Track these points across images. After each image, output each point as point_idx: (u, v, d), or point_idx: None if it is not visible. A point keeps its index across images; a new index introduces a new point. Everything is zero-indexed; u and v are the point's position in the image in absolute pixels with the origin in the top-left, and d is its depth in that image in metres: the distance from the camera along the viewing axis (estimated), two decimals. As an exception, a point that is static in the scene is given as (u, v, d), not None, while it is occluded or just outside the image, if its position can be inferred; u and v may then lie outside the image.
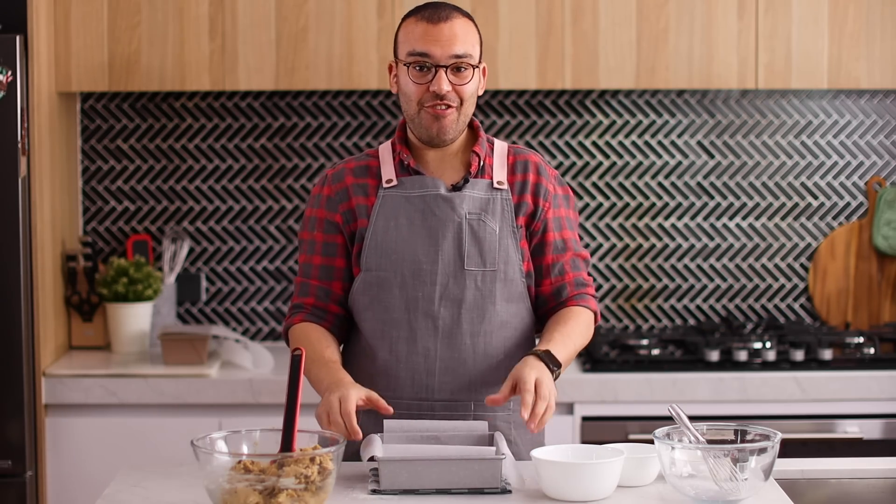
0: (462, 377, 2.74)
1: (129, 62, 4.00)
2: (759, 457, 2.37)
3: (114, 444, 3.80)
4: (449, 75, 2.69)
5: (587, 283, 2.84)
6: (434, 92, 2.69)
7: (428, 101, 2.70)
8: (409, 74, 2.71)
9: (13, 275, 3.67)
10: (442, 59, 2.68)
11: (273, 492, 2.25)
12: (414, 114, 2.73)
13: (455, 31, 2.70)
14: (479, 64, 2.74)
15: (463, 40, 2.70)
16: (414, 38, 2.71)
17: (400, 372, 2.74)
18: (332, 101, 4.33)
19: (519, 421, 2.78)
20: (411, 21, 2.73)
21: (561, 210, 2.83)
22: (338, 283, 2.81)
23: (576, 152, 4.35)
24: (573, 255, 2.82)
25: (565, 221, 2.83)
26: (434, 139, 2.74)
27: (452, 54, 2.69)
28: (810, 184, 4.36)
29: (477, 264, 2.74)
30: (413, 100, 2.72)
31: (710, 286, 4.38)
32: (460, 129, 2.75)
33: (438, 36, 2.69)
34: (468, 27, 2.73)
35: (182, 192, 4.34)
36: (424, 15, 2.72)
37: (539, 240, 2.80)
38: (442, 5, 2.74)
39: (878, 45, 4.02)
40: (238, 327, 4.37)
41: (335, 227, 2.80)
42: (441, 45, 2.68)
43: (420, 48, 2.69)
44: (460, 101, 2.71)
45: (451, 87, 2.70)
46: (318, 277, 2.81)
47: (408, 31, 2.73)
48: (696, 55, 4.01)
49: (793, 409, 3.86)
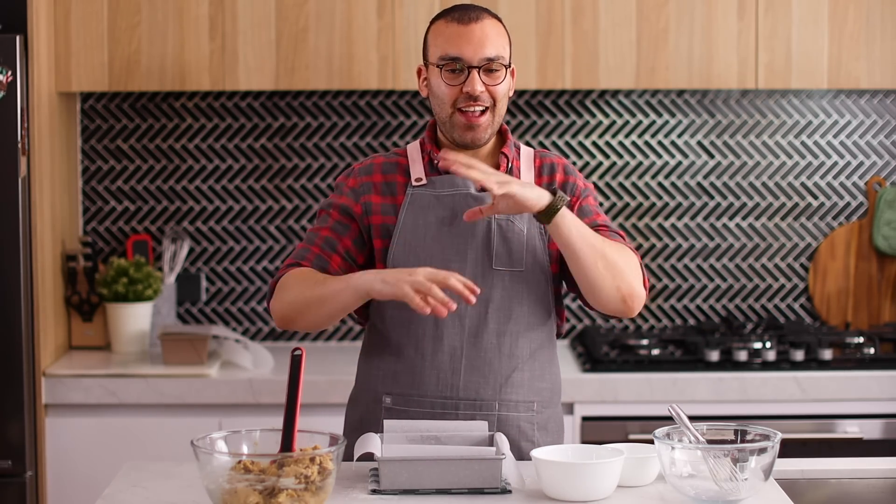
0: (487, 376, 2.74)
1: (129, 62, 4.00)
2: (759, 457, 2.37)
3: (114, 444, 3.80)
4: (481, 76, 2.70)
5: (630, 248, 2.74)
6: (468, 93, 2.70)
7: (461, 102, 2.71)
8: (441, 77, 2.72)
9: (13, 275, 3.67)
10: (474, 61, 2.69)
11: (273, 492, 2.25)
12: (447, 117, 2.74)
13: (486, 31, 2.71)
14: (509, 65, 2.75)
15: (494, 41, 2.71)
16: (444, 40, 2.71)
17: (425, 370, 2.74)
18: (332, 101, 4.33)
19: (542, 422, 2.79)
20: (441, 23, 2.74)
21: (589, 199, 2.82)
22: (337, 258, 2.77)
23: (576, 152, 4.35)
24: (608, 230, 2.77)
25: (596, 208, 2.82)
26: (468, 143, 2.75)
27: (484, 56, 2.70)
28: (810, 184, 4.36)
29: (505, 264, 2.74)
30: (446, 102, 2.72)
31: (710, 286, 4.38)
32: (493, 132, 2.76)
33: (470, 37, 2.69)
34: (498, 28, 2.74)
35: (182, 192, 4.34)
36: (454, 16, 2.72)
37: None
38: (471, 7, 2.75)
39: (878, 45, 4.02)
40: (238, 327, 4.37)
41: (352, 215, 2.79)
42: (473, 46, 2.69)
43: (452, 51, 2.70)
44: (493, 102, 2.72)
45: (484, 88, 2.70)
46: (319, 247, 2.77)
47: (438, 33, 2.73)
48: (696, 55, 4.01)
49: (793, 409, 3.86)
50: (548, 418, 2.81)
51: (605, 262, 2.64)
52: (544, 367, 2.79)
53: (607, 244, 2.66)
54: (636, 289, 2.68)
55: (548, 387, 2.81)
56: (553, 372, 2.83)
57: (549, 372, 2.81)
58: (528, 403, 2.77)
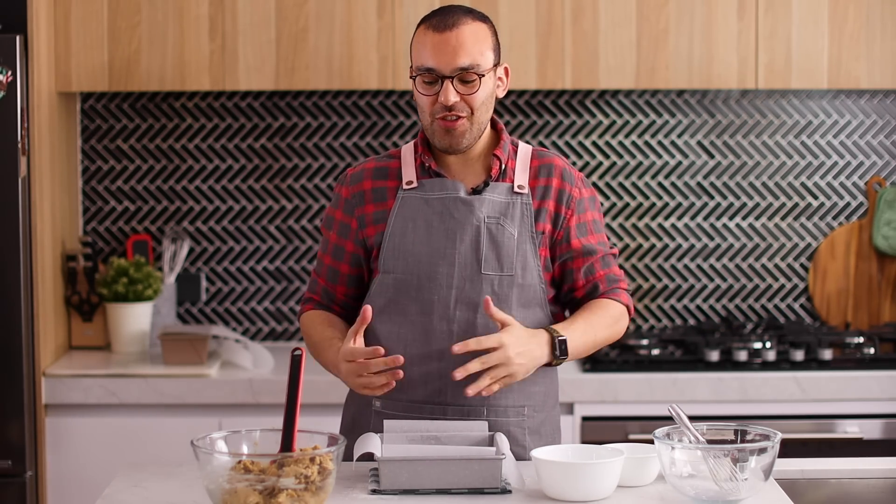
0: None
1: (129, 62, 4.00)
2: (759, 457, 2.37)
3: (114, 444, 3.80)
4: (456, 85, 2.68)
5: (619, 279, 2.83)
6: (441, 104, 2.68)
7: (438, 112, 2.69)
8: (417, 87, 2.71)
9: (13, 275, 3.68)
10: (446, 71, 2.66)
11: (273, 492, 2.25)
12: (428, 124, 2.73)
13: (462, 39, 2.66)
14: (493, 67, 2.71)
15: (469, 50, 2.67)
16: (420, 50, 2.69)
17: (414, 374, 2.72)
18: (332, 101, 4.33)
19: (534, 427, 2.78)
20: (420, 31, 2.71)
21: (587, 214, 2.80)
22: (341, 288, 2.85)
23: (576, 152, 4.35)
24: (602, 254, 2.80)
25: (592, 225, 2.80)
26: (448, 149, 2.73)
27: (457, 66, 2.66)
28: (810, 184, 4.36)
29: (494, 268, 2.73)
30: (425, 111, 2.71)
31: (710, 286, 4.38)
32: (475, 137, 2.73)
33: (444, 48, 2.66)
34: (477, 33, 2.69)
35: (182, 192, 4.34)
36: (432, 23, 2.69)
37: (565, 248, 2.78)
38: (452, 11, 2.70)
39: (878, 45, 4.02)
40: (238, 327, 4.37)
41: (348, 231, 2.81)
42: (447, 57, 2.66)
43: (426, 62, 2.68)
44: (471, 111, 2.70)
45: (458, 98, 2.68)
46: (324, 277, 2.87)
47: (418, 41, 2.71)
48: (696, 55, 4.01)
49: (793, 409, 3.86)
50: (541, 422, 2.79)
51: (602, 343, 2.79)
52: (537, 372, 2.76)
53: (601, 329, 2.77)
54: (622, 332, 2.86)
55: (541, 391, 2.79)
56: (547, 376, 2.81)
57: (543, 376, 2.78)
58: (517, 408, 2.76)
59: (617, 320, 2.81)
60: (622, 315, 2.82)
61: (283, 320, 4.36)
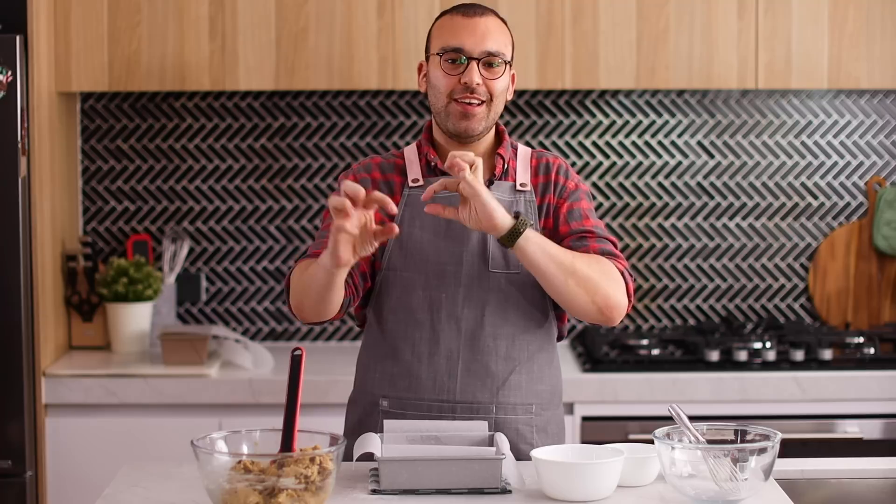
0: (484, 379, 2.73)
1: (129, 62, 4.00)
2: (759, 457, 2.37)
3: (114, 444, 3.80)
4: (480, 69, 2.71)
5: (617, 256, 2.73)
6: (465, 84, 2.70)
7: (458, 93, 2.71)
8: (440, 66, 2.72)
9: (13, 275, 3.68)
10: (474, 52, 2.70)
11: (273, 492, 2.25)
12: (442, 107, 2.73)
13: (489, 26, 2.72)
14: (511, 61, 2.75)
15: (496, 37, 2.72)
16: (447, 31, 2.73)
17: (422, 373, 2.73)
18: (332, 101, 4.33)
19: (541, 425, 2.78)
20: (446, 17, 2.76)
21: (581, 202, 2.79)
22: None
23: (576, 152, 4.35)
24: (597, 236, 2.74)
25: (587, 213, 2.79)
26: (462, 133, 2.73)
27: (485, 49, 2.70)
28: (810, 184, 4.36)
29: (501, 266, 2.73)
30: (443, 92, 2.72)
31: (710, 286, 4.38)
32: (488, 126, 2.75)
33: (473, 30, 2.71)
34: (502, 27, 2.76)
35: (182, 192, 4.34)
36: (459, 10, 2.75)
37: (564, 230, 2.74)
38: (477, 5, 2.77)
39: (878, 45, 4.02)
40: (238, 327, 4.37)
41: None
42: (475, 38, 2.70)
43: (453, 42, 2.71)
44: (490, 97, 2.72)
45: (481, 81, 2.70)
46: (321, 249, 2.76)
47: (442, 25, 2.75)
48: (696, 55, 4.01)
49: (793, 409, 3.86)
50: (547, 420, 2.80)
51: (576, 278, 2.62)
52: (543, 370, 2.78)
53: (579, 259, 2.63)
54: (614, 299, 2.65)
55: (547, 389, 2.80)
56: (552, 374, 2.82)
57: (549, 374, 2.80)
58: (526, 406, 2.76)
59: (605, 272, 2.65)
60: (614, 274, 2.66)
61: (283, 320, 4.36)
